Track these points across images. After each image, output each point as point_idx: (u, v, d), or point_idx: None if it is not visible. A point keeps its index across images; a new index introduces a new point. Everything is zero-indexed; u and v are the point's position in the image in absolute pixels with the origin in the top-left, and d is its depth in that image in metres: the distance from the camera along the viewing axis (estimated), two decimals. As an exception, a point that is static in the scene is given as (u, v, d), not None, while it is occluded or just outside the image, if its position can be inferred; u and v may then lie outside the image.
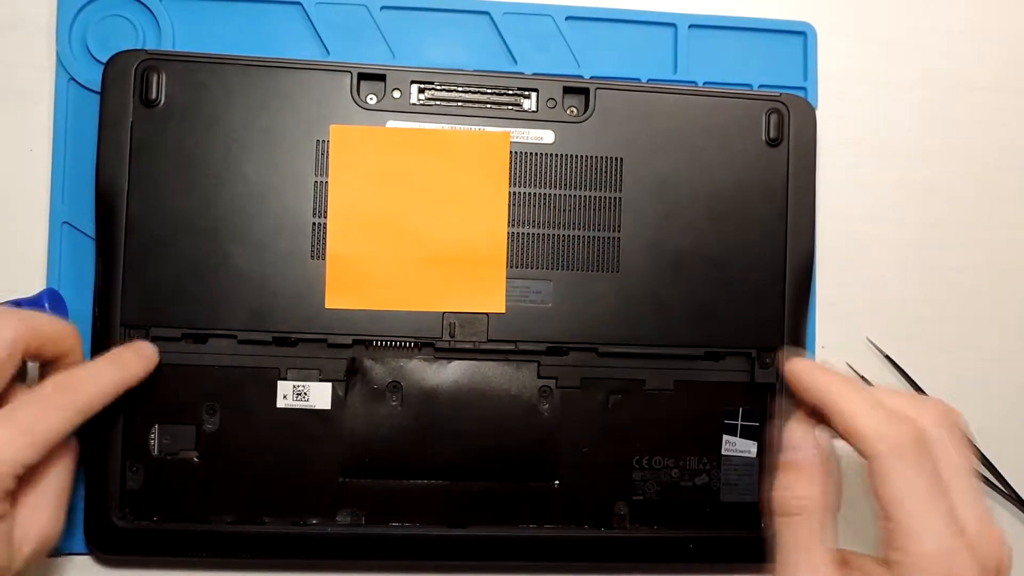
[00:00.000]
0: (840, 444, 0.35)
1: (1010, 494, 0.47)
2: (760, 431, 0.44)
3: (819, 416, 0.35)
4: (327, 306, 0.41)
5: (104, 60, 0.41)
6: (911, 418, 0.33)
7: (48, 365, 0.37)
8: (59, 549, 0.42)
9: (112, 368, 0.37)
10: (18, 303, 0.41)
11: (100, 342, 0.40)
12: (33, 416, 0.34)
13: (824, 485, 0.34)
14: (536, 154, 0.43)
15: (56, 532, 0.36)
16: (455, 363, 0.42)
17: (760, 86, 0.47)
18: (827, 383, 0.34)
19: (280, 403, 0.41)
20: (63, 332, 0.36)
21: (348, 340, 0.41)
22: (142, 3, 0.43)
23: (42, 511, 0.35)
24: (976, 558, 0.31)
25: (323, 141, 0.41)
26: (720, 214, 0.44)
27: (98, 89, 0.41)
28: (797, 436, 0.35)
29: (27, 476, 0.34)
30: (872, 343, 0.48)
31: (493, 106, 0.43)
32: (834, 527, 0.34)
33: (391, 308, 0.42)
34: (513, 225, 0.42)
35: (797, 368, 0.36)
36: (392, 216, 0.42)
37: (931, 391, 0.48)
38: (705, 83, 0.46)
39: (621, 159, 0.43)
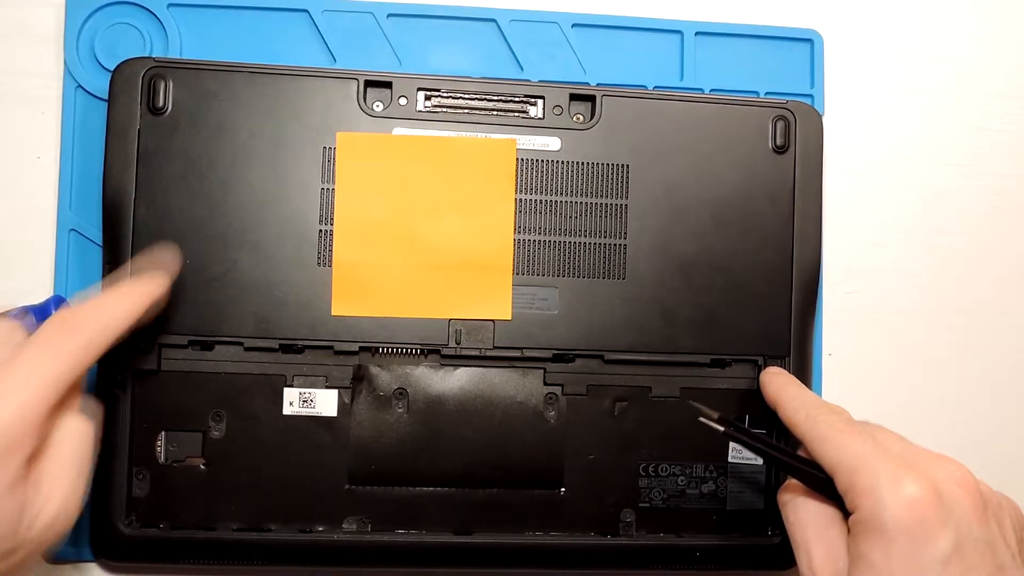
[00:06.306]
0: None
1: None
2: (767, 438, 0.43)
3: None
4: (333, 313, 0.41)
5: (111, 68, 0.41)
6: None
7: None
8: (64, 556, 0.42)
9: (116, 301, 0.34)
10: (25, 310, 0.41)
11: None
12: (35, 362, 0.30)
13: None
14: (542, 161, 0.43)
15: (72, 510, 0.31)
16: (461, 370, 0.42)
17: (767, 93, 0.47)
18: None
19: (286, 410, 0.41)
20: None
21: (354, 347, 0.41)
22: (149, 11, 0.44)
23: (58, 485, 0.30)
24: None
25: (330, 148, 0.41)
26: (726, 221, 0.43)
27: (105, 97, 0.41)
28: None
29: (42, 443, 0.30)
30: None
31: (499, 113, 0.43)
32: None
33: (397, 315, 0.42)
34: (519, 232, 0.42)
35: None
36: (398, 223, 0.42)
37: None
38: (712, 90, 0.46)
39: (627, 166, 0.43)
